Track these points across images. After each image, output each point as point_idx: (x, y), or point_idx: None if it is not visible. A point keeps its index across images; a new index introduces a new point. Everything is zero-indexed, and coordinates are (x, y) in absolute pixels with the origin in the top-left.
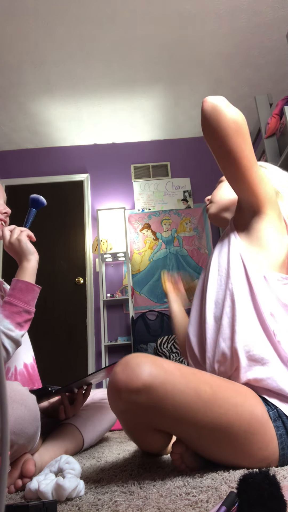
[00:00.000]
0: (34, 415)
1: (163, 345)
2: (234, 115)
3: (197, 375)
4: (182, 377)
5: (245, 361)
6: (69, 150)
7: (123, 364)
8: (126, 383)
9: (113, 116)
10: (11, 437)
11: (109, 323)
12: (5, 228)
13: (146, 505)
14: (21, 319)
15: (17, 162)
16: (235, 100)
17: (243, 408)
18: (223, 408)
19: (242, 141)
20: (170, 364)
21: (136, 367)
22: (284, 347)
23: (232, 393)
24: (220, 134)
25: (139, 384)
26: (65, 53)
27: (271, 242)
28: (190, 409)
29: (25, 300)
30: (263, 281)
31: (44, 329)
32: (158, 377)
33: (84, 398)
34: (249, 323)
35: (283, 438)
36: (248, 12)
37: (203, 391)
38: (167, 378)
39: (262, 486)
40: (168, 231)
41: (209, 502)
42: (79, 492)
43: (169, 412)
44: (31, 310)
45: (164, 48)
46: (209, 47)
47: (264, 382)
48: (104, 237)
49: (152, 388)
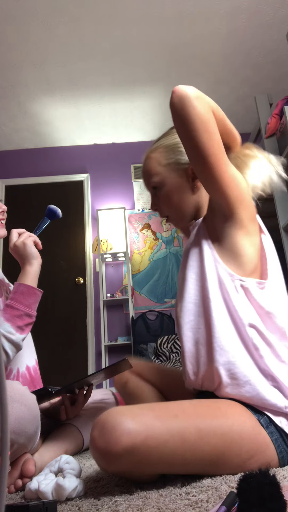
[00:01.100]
0: (34, 414)
1: (163, 345)
2: (202, 110)
3: (179, 417)
4: (164, 426)
5: (227, 380)
6: (69, 150)
7: (99, 427)
8: (105, 450)
9: (113, 116)
10: (11, 437)
11: (109, 323)
12: (14, 230)
13: (146, 505)
14: (22, 323)
15: (17, 162)
16: (235, 100)
17: (232, 433)
18: (211, 444)
19: (209, 137)
20: (149, 415)
21: (113, 431)
22: (267, 362)
23: (219, 421)
24: (186, 128)
25: (120, 450)
26: (65, 53)
27: (244, 248)
28: (177, 455)
29: (26, 303)
30: (241, 291)
31: (44, 329)
32: (138, 436)
33: (85, 399)
34: (229, 339)
35: (279, 442)
36: (248, 12)
37: (187, 434)
38: (147, 433)
39: (262, 486)
40: (168, 231)
41: (209, 502)
42: (79, 492)
43: (156, 463)
44: (33, 314)
45: (164, 48)
46: (209, 47)
47: (248, 400)
48: (104, 237)
49: (134, 449)
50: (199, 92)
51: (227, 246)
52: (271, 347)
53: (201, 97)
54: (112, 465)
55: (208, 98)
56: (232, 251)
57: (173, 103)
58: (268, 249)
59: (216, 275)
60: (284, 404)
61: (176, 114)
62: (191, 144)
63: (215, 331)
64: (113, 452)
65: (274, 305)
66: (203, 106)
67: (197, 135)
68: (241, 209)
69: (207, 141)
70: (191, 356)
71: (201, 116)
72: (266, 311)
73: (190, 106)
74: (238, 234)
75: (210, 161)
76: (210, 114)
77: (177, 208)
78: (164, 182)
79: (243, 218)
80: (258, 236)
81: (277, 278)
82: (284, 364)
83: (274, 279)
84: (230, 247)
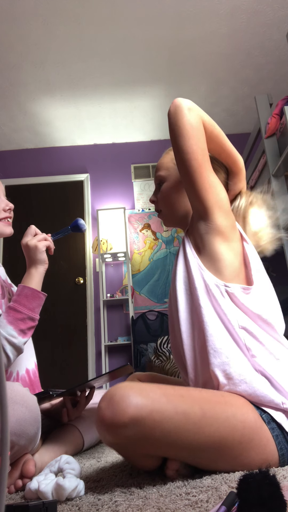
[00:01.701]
0: (35, 416)
1: (163, 345)
2: (191, 119)
3: (185, 397)
4: (169, 403)
5: (223, 381)
6: (69, 150)
7: (108, 399)
8: (112, 419)
9: (113, 116)
10: (12, 438)
11: (109, 323)
12: (33, 227)
13: (146, 505)
14: (25, 326)
15: (17, 162)
16: (235, 100)
17: (235, 420)
18: (214, 426)
19: (194, 143)
20: (156, 391)
21: (121, 402)
22: (260, 361)
23: (222, 407)
24: (175, 133)
25: (126, 419)
26: (65, 53)
27: (222, 254)
28: (181, 434)
29: (30, 307)
30: (226, 296)
31: (44, 329)
32: (145, 408)
33: (87, 401)
34: (221, 341)
35: (280, 438)
36: (248, 12)
37: (192, 413)
38: (153, 407)
39: (262, 486)
40: (168, 231)
41: (209, 502)
42: (79, 492)
43: (159, 440)
44: (35, 318)
45: (164, 48)
46: (209, 47)
47: (246, 398)
48: (104, 237)
49: (140, 420)
50: (194, 105)
51: (206, 253)
52: (264, 346)
53: (193, 109)
54: (116, 436)
55: (202, 112)
56: (211, 256)
57: (169, 111)
58: (251, 257)
59: (202, 282)
60: (280, 400)
61: (169, 121)
62: (177, 148)
63: (208, 335)
64: (119, 422)
65: (262, 307)
66: (192, 116)
67: (183, 140)
68: (218, 215)
69: (191, 145)
70: (193, 363)
71: (189, 124)
72: (254, 313)
73: (181, 115)
74: (216, 240)
75: (192, 164)
76: (198, 124)
77: (171, 206)
78: (168, 178)
79: (221, 224)
80: (238, 243)
81: (264, 283)
82: (279, 362)
83: (260, 285)
84: (209, 253)
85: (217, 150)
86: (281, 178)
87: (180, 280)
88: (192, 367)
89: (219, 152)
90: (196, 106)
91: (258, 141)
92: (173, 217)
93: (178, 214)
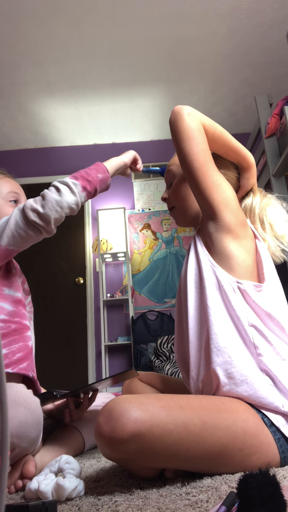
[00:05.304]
0: (37, 419)
1: (163, 345)
2: (190, 123)
3: (184, 408)
4: (169, 416)
5: (224, 380)
6: (69, 150)
7: (106, 414)
8: (111, 435)
9: (113, 116)
10: (13, 440)
11: (109, 323)
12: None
13: (146, 505)
14: (90, 188)
15: (17, 162)
16: (235, 100)
17: (235, 428)
18: (215, 436)
19: (195, 145)
20: (155, 404)
21: (120, 418)
22: (266, 361)
23: (222, 415)
24: (177, 138)
25: (125, 436)
26: (65, 53)
27: (233, 251)
28: (181, 446)
29: (98, 179)
30: (238, 292)
31: (44, 329)
32: (144, 424)
33: (89, 403)
34: (226, 339)
35: (282, 441)
36: (248, 12)
37: (191, 424)
38: (153, 422)
39: (262, 486)
40: (168, 231)
41: (209, 502)
42: (79, 492)
43: (159, 453)
44: (97, 189)
45: (164, 48)
46: (209, 47)
47: (246, 399)
48: (104, 237)
49: (139, 436)
50: (193, 110)
51: (217, 251)
52: (272, 346)
53: (192, 114)
54: (116, 452)
55: (202, 115)
56: (222, 254)
57: (170, 119)
58: (263, 254)
59: (214, 278)
60: (281, 403)
61: (171, 128)
62: (180, 151)
63: (212, 332)
64: (118, 439)
65: (272, 305)
66: (192, 120)
67: (184, 143)
68: (226, 213)
69: (192, 147)
70: (196, 361)
71: (188, 127)
72: (265, 312)
73: (181, 119)
74: (226, 238)
75: (194, 165)
76: (198, 127)
77: (183, 200)
78: (179, 173)
79: (230, 222)
80: (250, 240)
81: (274, 282)
82: (285, 362)
83: (271, 283)
84: (220, 251)
85: (223, 149)
86: (281, 178)
87: (191, 278)
88: (195, 365)
89: (226, 151)
90: (195, 111)
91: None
92: (186, 213)
93: (190, 210)
